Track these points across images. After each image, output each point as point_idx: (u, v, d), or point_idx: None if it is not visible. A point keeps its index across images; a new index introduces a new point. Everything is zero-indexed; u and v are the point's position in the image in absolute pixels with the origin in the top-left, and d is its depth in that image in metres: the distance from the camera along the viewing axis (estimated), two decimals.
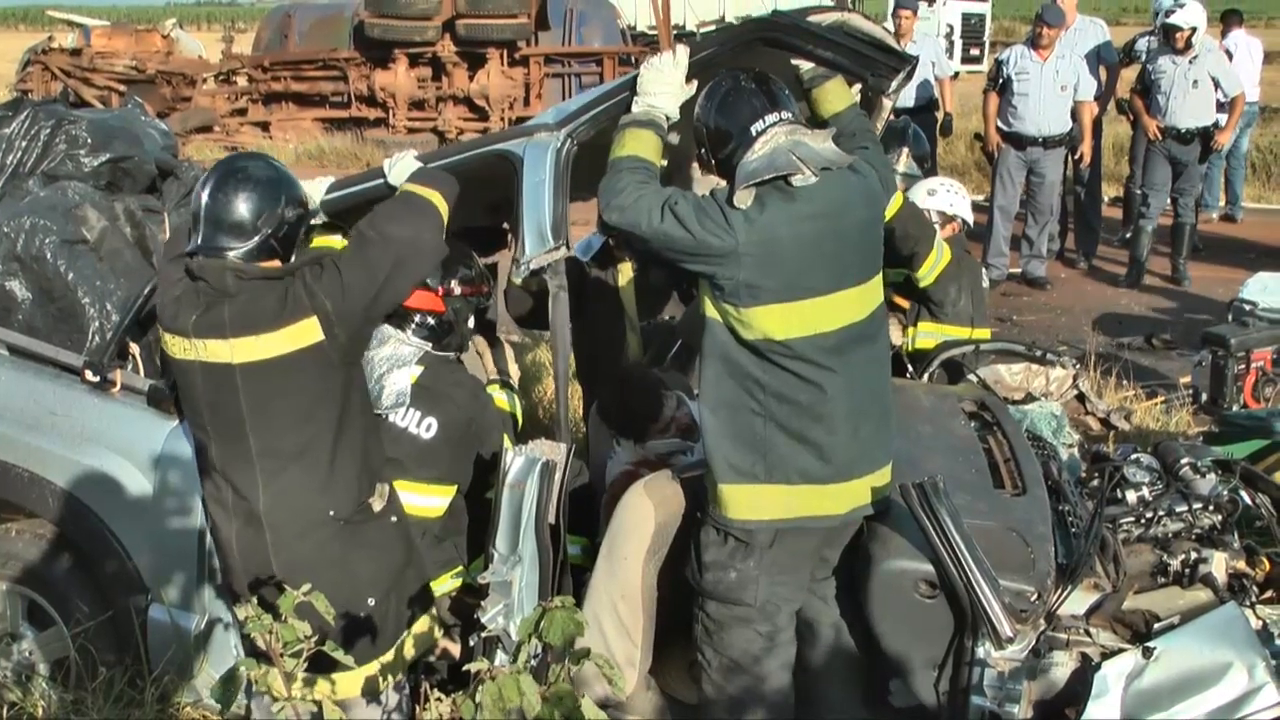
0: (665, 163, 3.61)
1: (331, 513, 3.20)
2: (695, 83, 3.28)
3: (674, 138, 3.50)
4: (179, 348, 3.17)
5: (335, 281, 3.10)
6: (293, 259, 3.24)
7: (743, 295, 3.05)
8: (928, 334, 4.70)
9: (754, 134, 3.10)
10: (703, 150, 3.24)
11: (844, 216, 3.11)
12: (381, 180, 3.46)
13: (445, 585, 3.68)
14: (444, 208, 3.30)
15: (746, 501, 3.17)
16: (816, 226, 3.05)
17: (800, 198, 3.04)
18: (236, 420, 3.15)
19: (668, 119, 3.27)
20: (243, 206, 3.13)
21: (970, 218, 4.96)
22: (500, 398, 3.93)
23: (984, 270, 9.46)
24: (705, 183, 3.64)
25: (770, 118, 3.11)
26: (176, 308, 3.16)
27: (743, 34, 3.46)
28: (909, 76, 3.53)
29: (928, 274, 4.56)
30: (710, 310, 3.15)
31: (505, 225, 4.35)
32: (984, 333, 4.80)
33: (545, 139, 3.40)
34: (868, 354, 3.22)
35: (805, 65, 3.46)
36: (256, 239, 3.14)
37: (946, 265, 4.59)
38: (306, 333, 3.09)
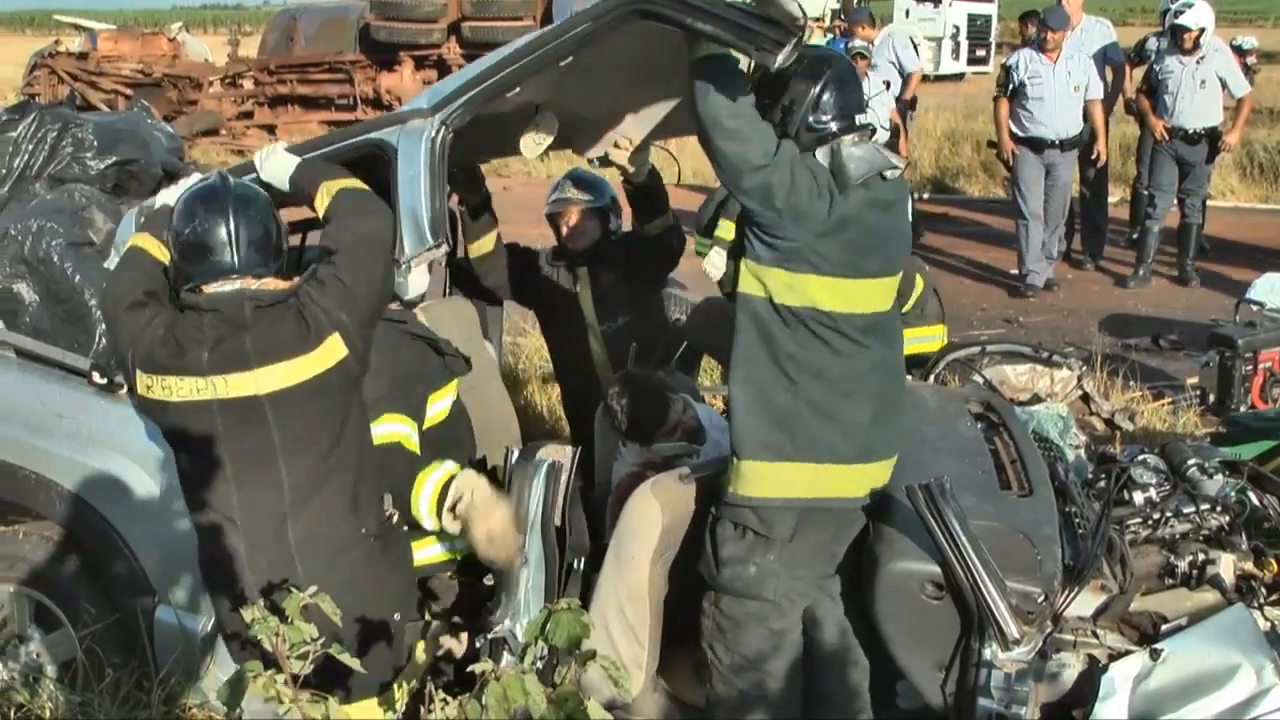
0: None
1: (363, 530, 3.11)
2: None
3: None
4: (186, 389, 2.94)
5: (342, 292, 3.01)
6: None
7: (802, 261, 3.11)
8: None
9: (858, 125, 3.21)
10: (791, 102, 3.15)
11: (898, 209, 3.30)
12: (254, 176, 3.30)
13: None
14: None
15: (772, 478, 3.20)
16: (881, 215, 3.20)
17: (874, 186, 3.17)
18: (266, 454, 2.99)
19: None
20: (263, 227, 3.03)
21: None
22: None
23: (1026, 276, 9.45)
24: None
25: (861, 119, 3.24)
26: (174, 346, 2.95)
27: (617, 6, 3.09)
28: (798, 45, 3.02)
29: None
30: (748, 282, 3.18)
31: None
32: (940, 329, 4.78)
33: (419, 125, 3.20)
34: (890, 340, 3.33)
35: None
36: (281, 259, 3.06)
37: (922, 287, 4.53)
38: (332, 351, 3.00)
